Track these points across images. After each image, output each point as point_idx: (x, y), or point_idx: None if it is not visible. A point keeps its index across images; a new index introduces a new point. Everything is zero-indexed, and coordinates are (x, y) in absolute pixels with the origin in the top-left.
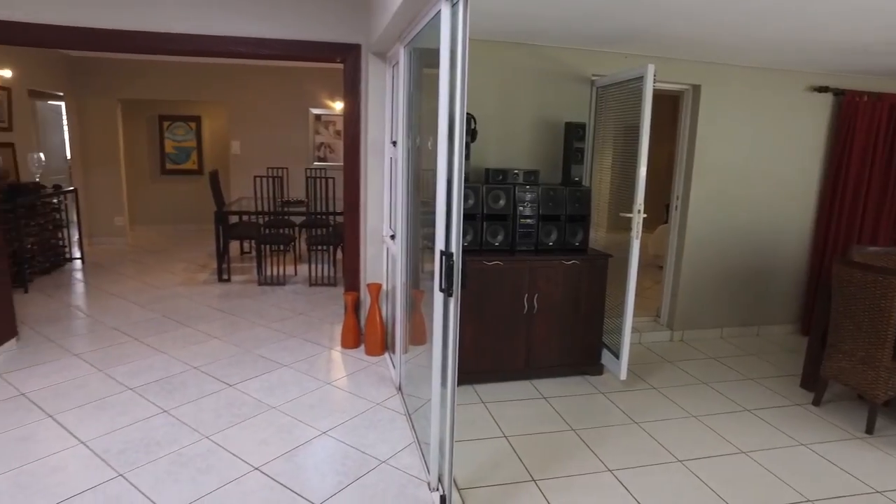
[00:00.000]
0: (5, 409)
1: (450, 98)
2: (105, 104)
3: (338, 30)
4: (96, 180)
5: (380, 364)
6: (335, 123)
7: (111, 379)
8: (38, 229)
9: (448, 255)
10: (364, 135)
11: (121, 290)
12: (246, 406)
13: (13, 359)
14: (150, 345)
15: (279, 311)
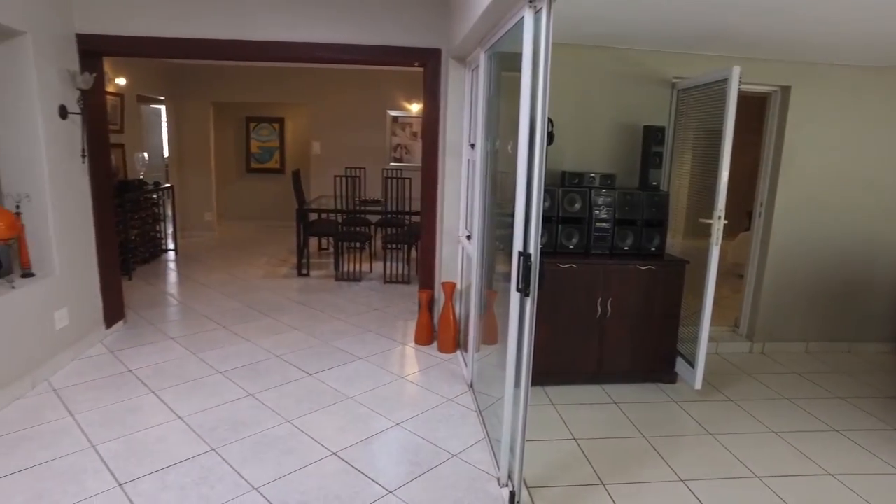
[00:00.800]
0: (117, 382)
1: (531, 102)
2: (199, 107)
3: (419, 35)
4: (189, 178)
5: (452, 361)
6: (412, 125)
7: (203, 362)
8: (140, 222)
9: (526, 256)
10: (442, 137)
11: (210, 280)
12: (325, 395)
13: (122, 338)
14: (237, 332)
15: (355, 306)
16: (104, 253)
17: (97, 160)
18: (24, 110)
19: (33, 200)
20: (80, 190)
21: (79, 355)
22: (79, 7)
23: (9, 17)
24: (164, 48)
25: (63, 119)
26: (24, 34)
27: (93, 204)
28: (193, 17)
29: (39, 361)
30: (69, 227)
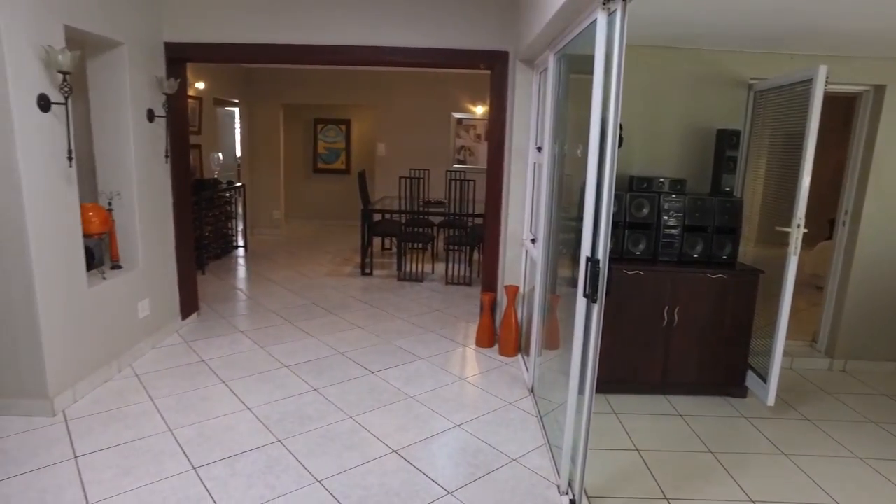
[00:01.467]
0: (191, 372)
1: (602, 105)
2: (270, 109)
3: (487, 38)
4: (260, 177)
5: (513, 365)
6: (475, 127)
7: (270, 356)
8: (213, 220)
9: (594, 261)
10: (509, 140)
11: (277, 276)
12: (386, 393)
13: (195, 329)
14: (302, 328)
15: (417, 306)
16: (181, 248)
17: (178, 160)
18: (117, 114)
19: (123, 198)
20: (162, 188)
21: (157, 344)
22: (168, 18)
23: (110, 30)
24: (243, 53)
25: (150, 122)
26: (121, 45)
27: (173, 202)
28: (270, 23)
29: (124, 348)
30: (152, 223)
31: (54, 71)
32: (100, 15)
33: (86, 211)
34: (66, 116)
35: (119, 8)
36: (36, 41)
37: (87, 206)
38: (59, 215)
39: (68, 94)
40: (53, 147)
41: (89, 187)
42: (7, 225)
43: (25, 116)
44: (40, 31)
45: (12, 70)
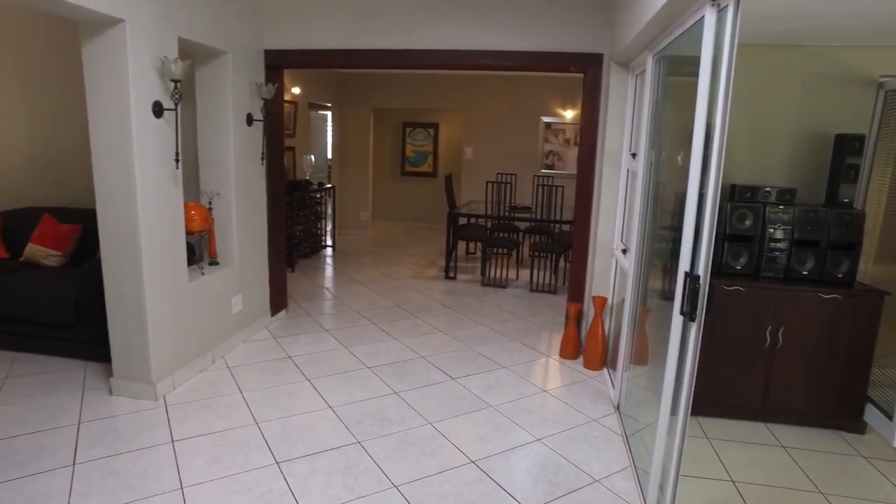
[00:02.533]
0: (278, 367)
1: (708, 109)
2: (360, 113)
3: (581, 40)
4: (349, 179)
5: (598, 379)
6: (565, 132)
7: (353, 356)
8: (304, 219)
9: (694, 277)
10: (601, 145)
11: (362, 277)
12: (466, 400)
13: (284, 326)
14: (385, 330)
15: (500, 313)
16: (274, 247)
17: (273, 162)
18: (219, 119)
19: (222, 198)
20: (258, 189)
21: (248, 338)
22: (268, 27)
23: (217, 41)
24: (335, 59)
25: (249, 126)
26: (225, 54)
27: (267, 202)
28: (362, 29)
29: (219, 340)
30: (248, 222)
31: (167, 79)
32: (209, 27)
33: (189, 209)
34: (175, 121)
35: (226, 19)
36: (153, 53)
37: (190, 205)
38: (166, 213)
39: (178, 100)
40: (163, 150)
41: (192, 187)
42: (123, 222)
43: (141, 122)
44: (158, 43)
45: (133, 80)
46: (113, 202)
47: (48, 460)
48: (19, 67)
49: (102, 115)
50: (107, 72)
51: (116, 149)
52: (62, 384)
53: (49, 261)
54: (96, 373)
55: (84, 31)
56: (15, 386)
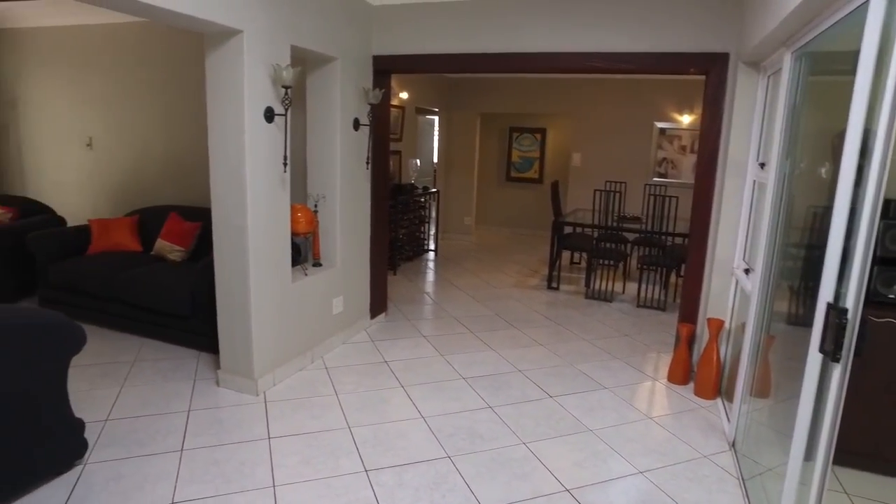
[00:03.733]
0: (374, 371)
1: (867, 112)
2: (467, 117)
3: (703, 39)
4: (454, 183)
5: (711, 409)
6: (680, 138)
7: (449, 365)
8: (408, 223)
9: (839, 310)
10: (723, 153)
11: (463, 283)
12: (564, 421)
13: (382, 329)
14: (483, 340)
15: (603, 328)
16: (376, 249)
17: (378, 166)
18: (327, 124)
19: (327, 200)
20: (362, 192)
21: (347, 340)
22: (377, 33)
23: (327, 48)
24: (444, 63)
25: (355, 130)
26: (335, 60)
27: (371, 205)
28: (471, 33)
29: (318, 340)
30: (351, 224)
31: (279, 85)
32: (320, 34)
33: (295, 211)
34: (284, 126)
35: (336, 27)
36: (267, 60)
37: (296, 207)
38: (273, 215)
39: (288, 105)
40: (272, 153)
41: (299, 190)
42: (233, 222)
43: (253, 126)
44: (272, 51)
45: (248, 87)
46: (225, 203)
47: (161, 443)
48: (158, 81)
49: (219, 120)
50: (225, 79)
51: (230, 152)
52: (177, 372)
53: (173, 255)
54: (207, 363)
55: (208, 42)
56: (141, 369)
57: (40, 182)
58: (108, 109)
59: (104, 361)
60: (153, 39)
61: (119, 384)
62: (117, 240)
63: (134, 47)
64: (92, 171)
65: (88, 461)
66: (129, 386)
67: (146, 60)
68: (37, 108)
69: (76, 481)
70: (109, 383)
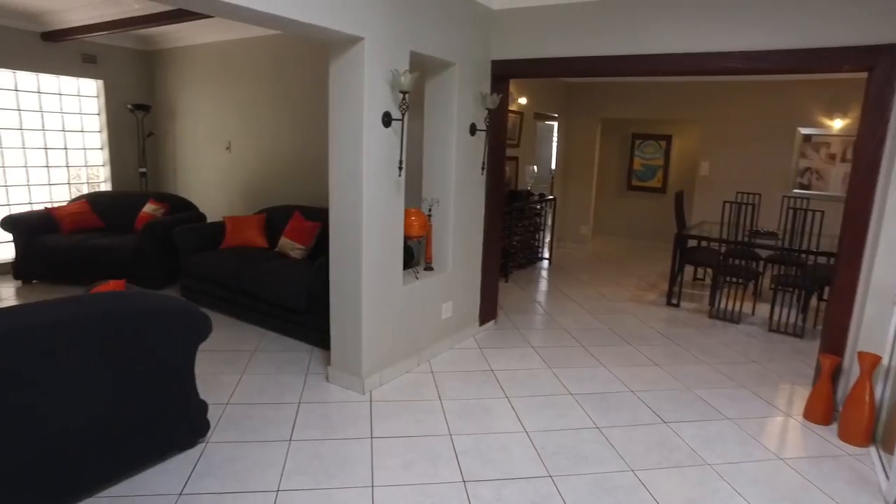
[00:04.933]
0: (479, 379)
1: None
2: (588, 123)
3: (866, 29)
4: (571, 191)
5: (860, 458)
6: (829, 145)
7: (556, 379)
8: (522, 230)
9: None
10: (887, 163)
11: (576, 294)
12: (678, 451)
13: (490, 337)
14: (594, 355)
15: (728, 352)
16: (488, 256)
17: (493, 172)
18: (444, 128)
19: (441, 205)
20: (476, 198)
21: (454, 345)
22: (495, 37)
23: (446, 53)
24: (564, 67)
25: (472, 135)
26: (453, 65)
27: (485, 211)
28: (593, 35)
29: (426, 344)
30: (464, 230)
31: (397, 91)
32: (439, 40)
33: (409, 215)
34: (401, 131)
35: (455, 32)
36: (386, 66)
37: (410, 211)
38: (387, 218)
39: (405, 110)
40: (389, 158)
41: (414, 194)
42: (349, 223)
43: (372, 131)
44: (391, 57)
45: (368, 92)
46: (342, 204)
47: (273, 432)
48: (288, 89)
49: (339, 125)
50: (346, 85)
51: (348, 155)
52: (292, 365)
53: (295, 253)
54: (319, 359)
55: (332, 50)
56: (260, 359)
57: (188, 181)
58: (246, 116)
59: (229, 349)
60: (285, 52)
61: (240, 372)
62: (247, 236)
63: (268, 59)
64: (230, 172)
65: (210, 440)
66: (248, 374)
67: (278, 71)
68: (189, 116)
69: (198, 458)
70: (232, 370)
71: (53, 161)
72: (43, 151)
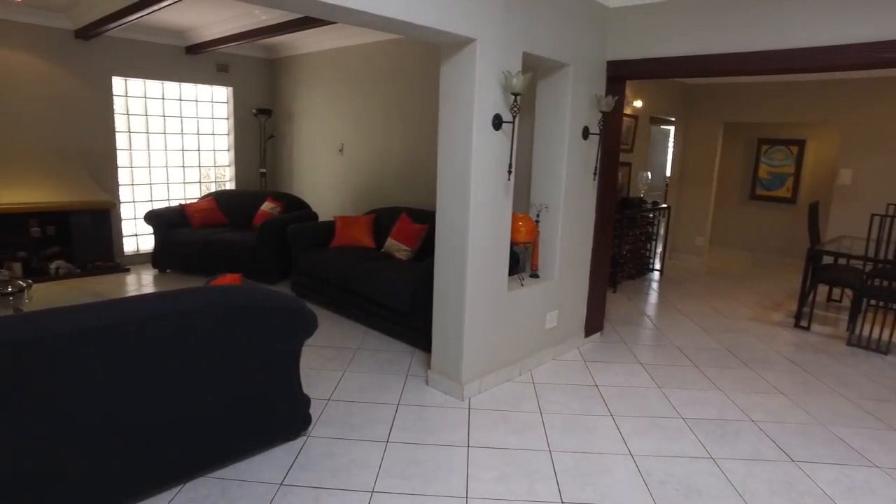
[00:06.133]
0: (582, 394)
1: None
2: (708, 127)
3: None
4: (687, 199)
5: None
6: None
7: (666, 399)
8: (633, 239)
9: None
10: None
11: (689, 309)
12: (809, 497)
13: (596, 349)
14: (709, 377)
15: (872, 387)
16: (597, 265)
17: (605, 178)
18: (556, 131)
19: (550, 211)
20: (587, 205)
21: (557, 356)
22: (612, 36)
23: (560, 54)
24: (687, 67)
25: (584, 139)
26: (567, 66)
27: (595, 219)
28: (719, 30)
29: (528, 353)
30: (573, 237)
31: (508, 93)
32: (553, 41)
33: (516, 220)
34: (511, 134)
35: (570, 32)
36: (498, 68)
37: (517, 216)
38: (494, 222)
39: (517, 113)
40: (497, 161)
41: (522, 199)
42: (455, 226)
43: (481, 134)
44: (503, 59)
45: (478, 94)
46: (449, 207)
47: (370, 431)
48: (399, 93)
49: (449, 127)
50: (457, 87)
51: (457, 158)
52: (393, 365)
53: (400, 254)
54: (419, 361)
55: (444, 52)
56: (362, 357)
57: (302, 181)
58: (358, 119)
59: (334, 345)
60: (396, 56)
61: (343, 368)
62: (355, 236)
63: (380, 64)
64: (341, 173)
65: (311, 434)
66: (351, 371)
67: (390, 75)
68: (305, 120)
69: (300, 450)
70: (335, 366)
71: (188, 162)
72: (180, 153)
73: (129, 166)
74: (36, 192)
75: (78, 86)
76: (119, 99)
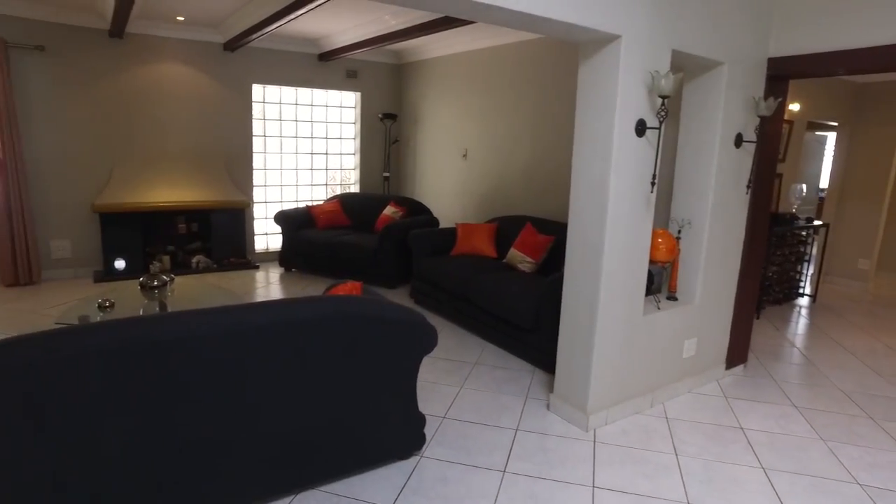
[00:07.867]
0: (725, 437)
1: None
2: (882, 133)
3: None
4: (849, 216)
5: None
6: None
7: (833, 456)
8: (781, 259)
9: None
10: None
11: (851, 344)
12: None
13: (738, 384)
14: (890, 432)
15: None
16: (744, 289)
17: (760, 191)
18: (704, 139)
19: (693, 227)
20: (736, 221)
21: (694, 389)
22: (776, 29)
23: (713, 51)
24: (871, 60)
25: (737, 147)
26: (721, 65)
27: (745, 237)
28: None
29: (661, 384)
30: (718, 257)
31: (655, 95)
32: (706, 37)
33: (655, 237)
34: (657, 141)
35: (725, 26)
36: (644, 68)
37: (657, 233)
38: (632, 238)
39: (664, 118)
40: (639, 171)
41: (661, 213)
42: (589, 240)
43: (623, 140)
44: (650, 57)
45: (621, 96)
46: (583, 219)
47: (486, 458)
48: (527, 98)
49: (587, 132)
50: (596, 89)
51: (595, 166)
52: (512, 384)
53: (523, 266)
54: (540, 382)
55: (583, 51)
56: (480, 373)
57: (424, 186)
58: (483, 124)
59: (451, 358)
60: (524, 60)
61: (459, 384)
62: (476, 244)
63: (509, 68)
64: (464, 179)
65: (424, 454)
66: (467, 388)
67: (518, 79)
68: (429, 124)
69: (412, 471)
70: (452, 381)
71: (316, 165)
72: (309, 156)
73: (263, 168)
74: (183, 191)
75: (222, 94)
76: (257, 105)
